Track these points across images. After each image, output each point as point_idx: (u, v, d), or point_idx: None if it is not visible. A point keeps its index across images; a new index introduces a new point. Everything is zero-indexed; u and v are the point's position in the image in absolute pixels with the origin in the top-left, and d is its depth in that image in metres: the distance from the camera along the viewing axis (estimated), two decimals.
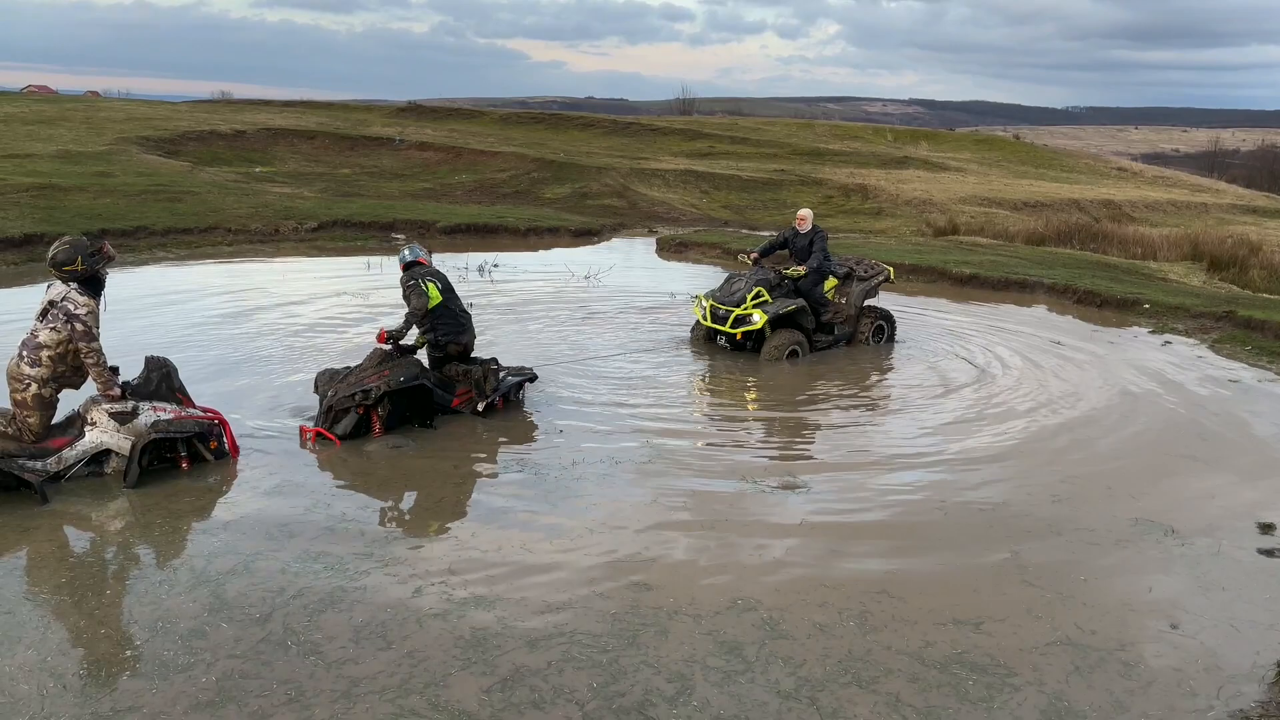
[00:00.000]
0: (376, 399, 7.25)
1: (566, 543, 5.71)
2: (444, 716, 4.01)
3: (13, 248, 14.36)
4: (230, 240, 17.07)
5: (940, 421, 8.43)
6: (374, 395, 7.23)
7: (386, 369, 7.43)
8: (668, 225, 22.96)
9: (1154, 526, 6.28)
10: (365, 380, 7.33)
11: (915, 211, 27.86)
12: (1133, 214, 31.39)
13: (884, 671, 4.47)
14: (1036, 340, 11.86)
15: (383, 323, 9.02)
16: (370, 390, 7.23)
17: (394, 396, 7.40)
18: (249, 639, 4.49)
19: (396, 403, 7.45)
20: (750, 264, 10.94)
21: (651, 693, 4.22)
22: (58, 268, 6.12)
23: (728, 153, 39.31)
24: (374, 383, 7.29)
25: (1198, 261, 18.51)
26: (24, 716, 3.88)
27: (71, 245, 6.19)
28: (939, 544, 5.93)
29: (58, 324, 6.09)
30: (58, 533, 5.64)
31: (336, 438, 7.19)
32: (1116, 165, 52.34)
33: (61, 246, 6.17)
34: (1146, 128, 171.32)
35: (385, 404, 7.36)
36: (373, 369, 7.45)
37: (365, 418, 7.35)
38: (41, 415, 6.18)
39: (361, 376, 7.39)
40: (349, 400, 7.24)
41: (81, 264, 6.14)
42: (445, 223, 19.50)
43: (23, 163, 22.20)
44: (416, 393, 7.58)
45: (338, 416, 7.27)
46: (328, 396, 7.34)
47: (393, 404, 7.42)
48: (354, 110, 47.22)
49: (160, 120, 33.51)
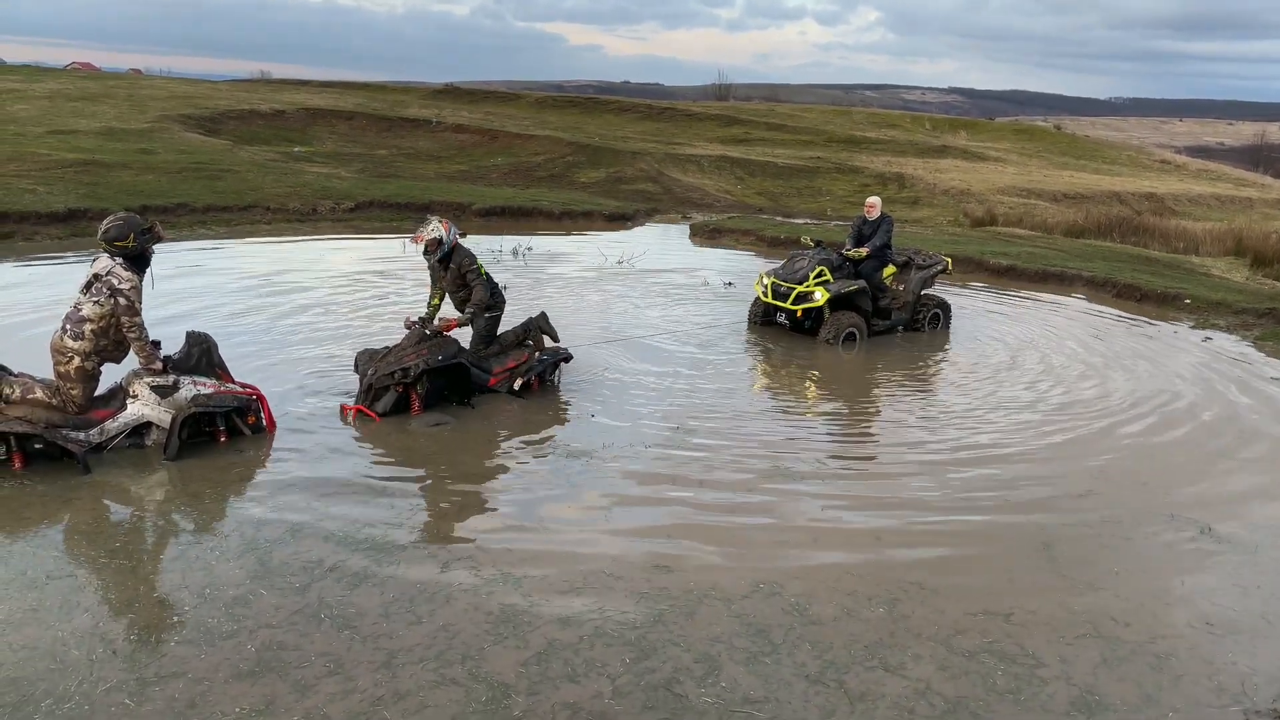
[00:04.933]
0: (416, 377, 7.37)
1: (593, 524, 5.77)
2: (484, 686, 4.09)
3: (57, 222, 14.62)
4: (269, 219, 17.26)
5: (977, 411, 8.39)
6: (413, 373, 7.34)
7: (425, 348, 7.53)
8: (702, 211, 22.91)
9: (1190, 523, 6.23)
10: (404, 359, 7.44)
11: (952, 201, 27.60)
12: (1175, 207, 30.93)
13: (912, 658, 4.49)
14: (1075, 334, 11.76)
15: (416, 301, 9.10)
16: (409, 368, 7.35)
17: (433, 374, 7.51)
18: (288, 608, 4.59)
19: (435, 381, 7.57)
20: (812, 245, 11.14)
21: (680, 671, 4.27)
22: (109, 242, 6.23)
23: (763, 139, 39.12)
24: (413, 361, 7.39)
25: (1241, 257, 18.22)
26: (73, 681, 3.99)
27: (125, 221, 6.30)
28: (972, 535, 5.92)
29: (101, 298, 6.20)
30: (103, 501, 5.78)
31: (377, 415, 7.30)
32: (1159, 158, 51.53)
33: (115, 222, 6.28)
34: (1190, 120, 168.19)
35: (424, 382, 7.47)
36: (411, 348, 7.55)
37: (404, 395, 7.46)
38: (84, 387, 6.31)
39: (401, 355, 7.50)
40: (388, 378, 7.35)
41: (133, 240, 6.27)
42: (480, 205, 19.60)
43: (67, 139, 22.55)
44: (455, 371, 7.69)
45: (378, 394, 7.40)
46: (368, 375, 7.45)
47: (431, 382, 7.53)
48: (392, 91, 47.41)
49: (201, 99, 33.86)
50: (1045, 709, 4.18)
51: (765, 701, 4.10)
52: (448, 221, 8.11)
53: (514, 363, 8.17)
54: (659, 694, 4.11)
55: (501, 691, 4.07)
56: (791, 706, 4.09)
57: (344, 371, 8.37)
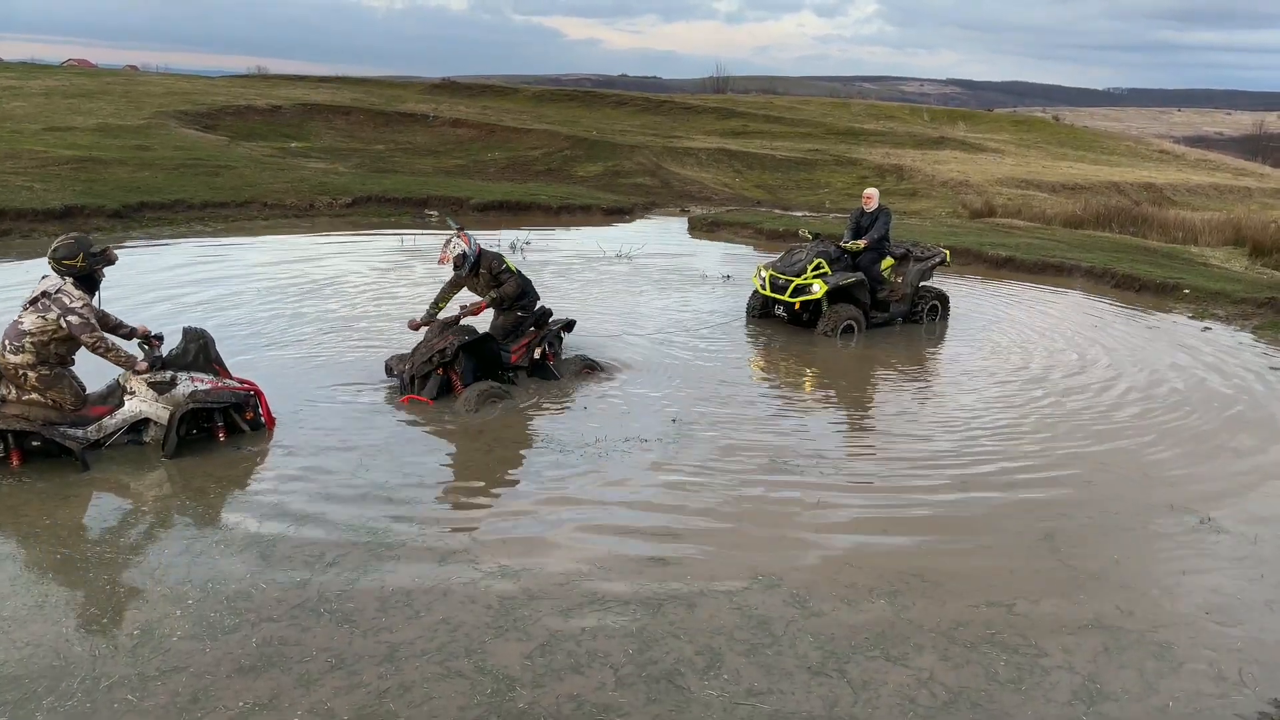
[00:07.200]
0: (453, 355, 7.73)
1: (590, 517, 5.78)
2: (489, 679, 4.10)
3: (54, 219, 14.57)
4: (266, 215, 17.23)
5: (977, 403, 8.39)
6: (449, 353, 7.71)
7: (450, 334, 7.90)
8: (700, 204, 22.87)
9: (1190, 512, 6.23)
10: (435, 345, 7.81)
11: (951, 193, 27.57)
12: (1174, 197, 30.89)
13: (914, 648, 4.49)
14: (1074, 325, 11.76)
15: (416, 293, 9.09)
16: (445, 349, 7.73)
17: (467, 352, 7.85)
18: (289, 601, 4.60)
19: (469, 359, 7.90)
20: (810, 238, 11.25)
21: (682, 662, 4.27)
22: (58, 261, 6.12)
23: (761, 132, 39.04)
24: (446, 343, 7.76)
25: (1240, 247, 18.19)
26: (75, 678, 3.99)
27: (76, 241, 6.22)
28: (973, 525, 5.92)
29: (46, 313, 6.03)
30: (102, 498, 5.78)
31: (429, 399, 7.67)
32: (1158, 148, 51.45)
33: (66, 241, 6.20)
34: (1189, 110, 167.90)
35: (460, 360, 7.82)
36: (438, 336, 7.95)
37: (446, 378, 7.84)
38: (60, 389, 6.17)
39: (430, 344, 7.88)
40: (427, 365, 7.75)
41: (82, 260, 6.14)
42: (478, 200, 19.56)
43: (64, 135, 22.50)
44: (485, 348, 8.02)
45: (422, 382, 7.80)
46: (407, 369, 7.84)
47: (466, 360, 7.88)
48: (389, 86, 47.31)
49: (198, 94, 33.78)
50: (1047, 698, 4.19)
51: (768, 693, 4.11)
52: (465, 234, 8.35)
53: (526, 339, 8.52)
54: (662, 685, 4.12)
55: (506, 684, 4.07)
56: (795, 697, 4.09)
57: (341, 366, 8.39)
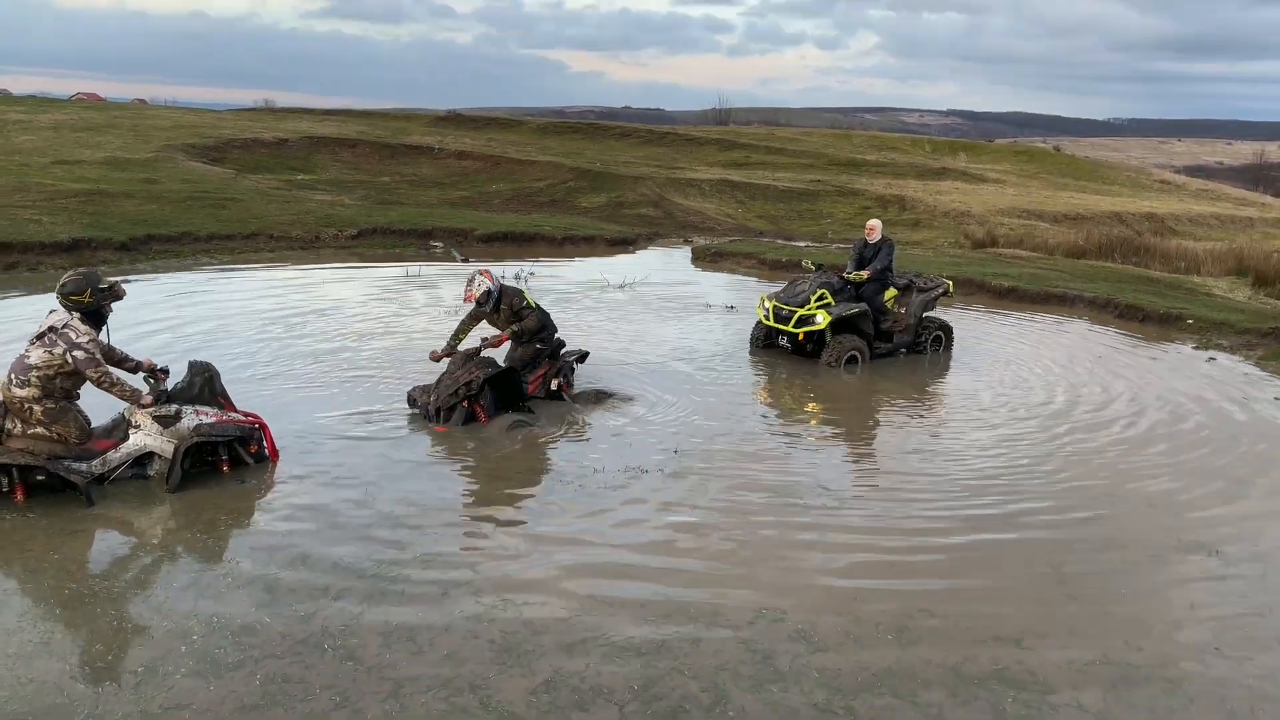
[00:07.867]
0: (479, 388, 7.89)
1: (592, 550, 5.75)
2: (495, 716, 4.07)
3: (61, 252, 14.64)
4: (272, 247, 17.32)
5: (983, 436, 8.37)
6: (475, 386, 7.88)
7: (474, 366, 8.10)
8: (703, 235, 22.97)
9: (1198, 547, 6.20)
10: (461, 377, 7.97)
11: (953, 223, 27.67)
12: (1176, 227, 30.97)
13: (922, 684, 4.45)
14: (1078, 356, 11.75)
15: (426, 323, 9.13)
16: (472, 382, 7.89)
17: (491, 384, 8.03)
18: (294, 636, 4.57)
19: (492, 391, 8.07)
20: (813, 269, 11.36)
21: (687, 699, 4.24)
22: (65, 296, 6.15)
23: (764, 163, 39.26)
24: (472, 375, 7.93)
25: (1243, 276, 18.20)
26: (79, 716, 3.96)
27: (85, 277, 6.25)
28: (980, 559, 5.89)
29: (53, 348, 6.04)
30: (107, 533, 5.77)
31: (449, 429, 7.80)
32: (1159, 178, 51.67)
33: (74, 277, 6.23)
34: (1189, 140, 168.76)
35: (485, 393, 7.98)
36: (462, 368, 8.11)
37: (470, 409, 7.96)
38: (66, 423, 6.17)
39: (455, 376, 8.03)
40: (453, 397, 7.89)
41: (90, 296, 6.17)
42: (483, 231, 19.66)
43: (72, 169, 22.68)
44: (509, 381, 8.20)
45: (447, 414, 7.91)
46: (431, 401, 7.96)
47: (491, 392, 8.05)
48: (394, 119, 47.69)
49: (205, 128, 34.06)
50: None
51: None
52: (489, 271, 8.63)
53: (543, 370, 8.68)
54: None
55: None
56: None
57: (345, 397, 8.40)
